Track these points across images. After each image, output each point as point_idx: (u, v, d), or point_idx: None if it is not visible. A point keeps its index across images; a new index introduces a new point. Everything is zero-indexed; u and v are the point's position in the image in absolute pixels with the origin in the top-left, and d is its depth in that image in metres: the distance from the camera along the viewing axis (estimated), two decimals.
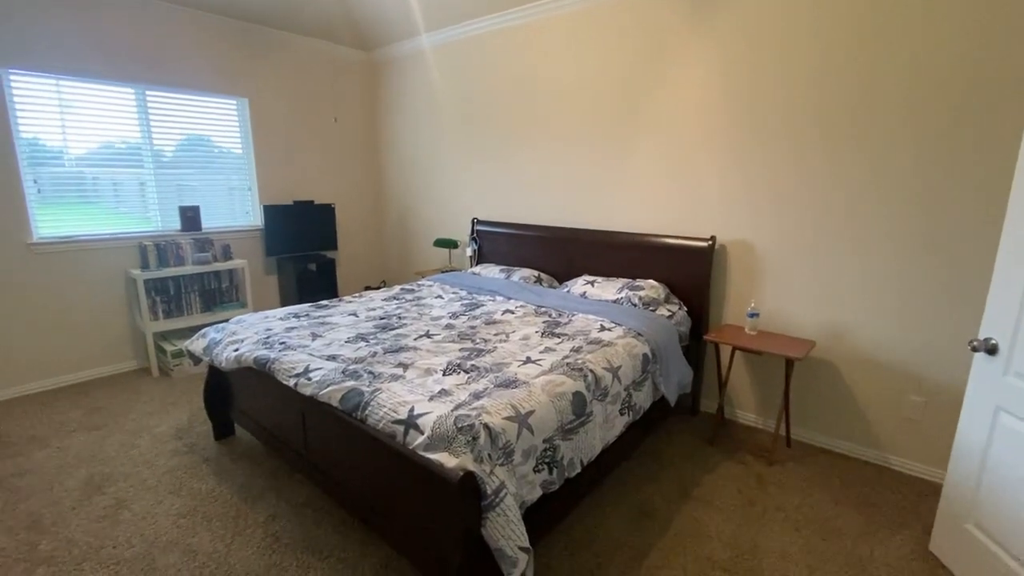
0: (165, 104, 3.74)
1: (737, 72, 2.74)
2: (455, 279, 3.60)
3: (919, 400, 2.42)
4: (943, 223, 2.25)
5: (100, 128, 3.47)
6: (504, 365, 2.03)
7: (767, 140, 2.69)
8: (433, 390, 1.78)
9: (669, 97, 3.01)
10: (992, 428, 1.70)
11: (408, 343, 2.30)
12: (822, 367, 2.69)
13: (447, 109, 4.34)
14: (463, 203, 4.39)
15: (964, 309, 2.25)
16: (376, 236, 5.34)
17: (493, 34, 3.85)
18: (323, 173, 4.76)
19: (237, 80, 4.06)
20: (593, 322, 2.62)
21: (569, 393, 1.83)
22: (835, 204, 2.52)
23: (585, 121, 3.42)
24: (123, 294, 3.67)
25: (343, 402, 1.77)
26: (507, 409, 1.61)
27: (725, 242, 2.93)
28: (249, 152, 4.24)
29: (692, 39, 2.87)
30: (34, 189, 3.26)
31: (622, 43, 3.16)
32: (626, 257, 3.25)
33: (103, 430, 2.84)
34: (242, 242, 4.26)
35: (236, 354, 2.27)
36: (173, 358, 3.58)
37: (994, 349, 1.69)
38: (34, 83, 3.19)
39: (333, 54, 4.65)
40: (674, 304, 2.94)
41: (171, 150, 3.81)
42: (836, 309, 2.60)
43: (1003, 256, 1.66)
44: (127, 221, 3.68)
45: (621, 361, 2.19)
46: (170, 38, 3.66)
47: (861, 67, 2.36)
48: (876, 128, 2.36)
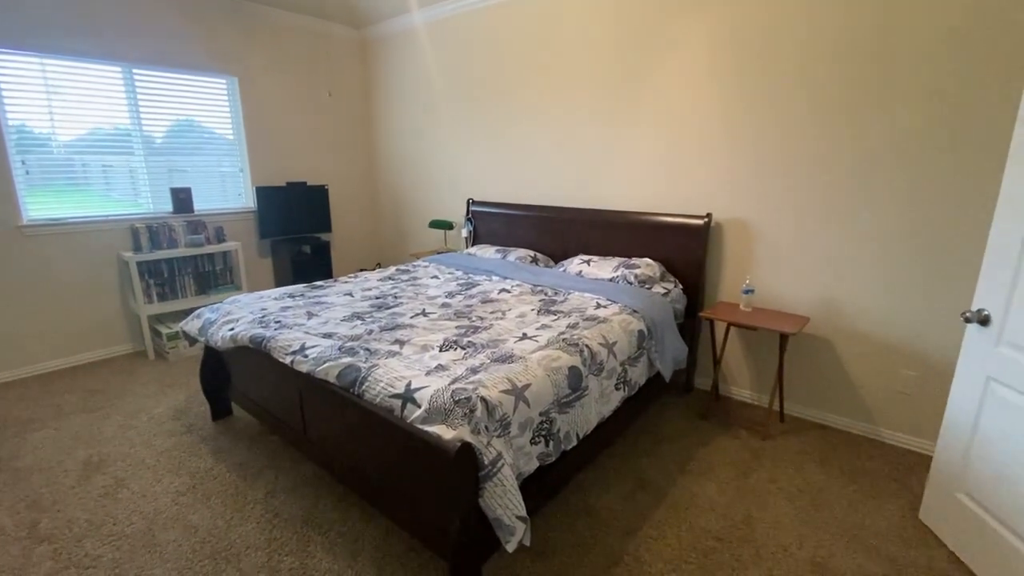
0: (154, 85, 3.67)
1: (730, 51, 2.70)
2: (451, 260, 3.59)
3: (912, 374, 2.45)
4: (935, 197, 2.25)
5: (88, 112, 3.41)
6: (500, 341, 2.04)
7: (761, 119, 2.67)
8: (430, 365, 1.78)
9: (664, 75, 2.98)
10: (983, 398, 1.72)
11: (404, 321, 2.29)
12: (816, 343, 2.71)
13: (441, 89, 4.28)
14: (458, 184, 4.35)
15: (957, 283, 2.26)
16: (371, 218, 5.30)
17: (485, 11, 3.78)
18: (316, 154, 4.71)
19: (226, 58, 3.98)
20: (589, 300, 2.62)
21: (565, 367, 1.84)
22: (828, 181, 2.52)
23: (580, 100, 3.38)
24: (116, 277, 3.64)
25: (340, 378, 1.77)
26: (504, 383, 1.62)
27: (721, 220, 2.92)
28: (240, 133, 4.18)
29: (686, 16, 2.82)
30: (22, 171, 3.21)
31: (617, 20, 3.10)
32: (622, 236, 3.24)
33: (100, 412, 2.84)
34: (235, 224, 4.23)
35: (231, 333, 2.26)
36: (169, 341, 3.57)
37: (986, 320, 1.70)
38: (19, 63, 3.11)
39: (324, 31, 4.56)
40: (670, 282, 2.94)
41: (161, 134, 3.75)
42: (830, 285, 2.61)
43: (997, 228, 1.67)
44: (118, 206, 3.63)
45: (617, 337, 2.19)
46: (157, 14, 3.58)
47: (851, 43, 2.33)
48: (867, 103, 2.34)
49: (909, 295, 2.40)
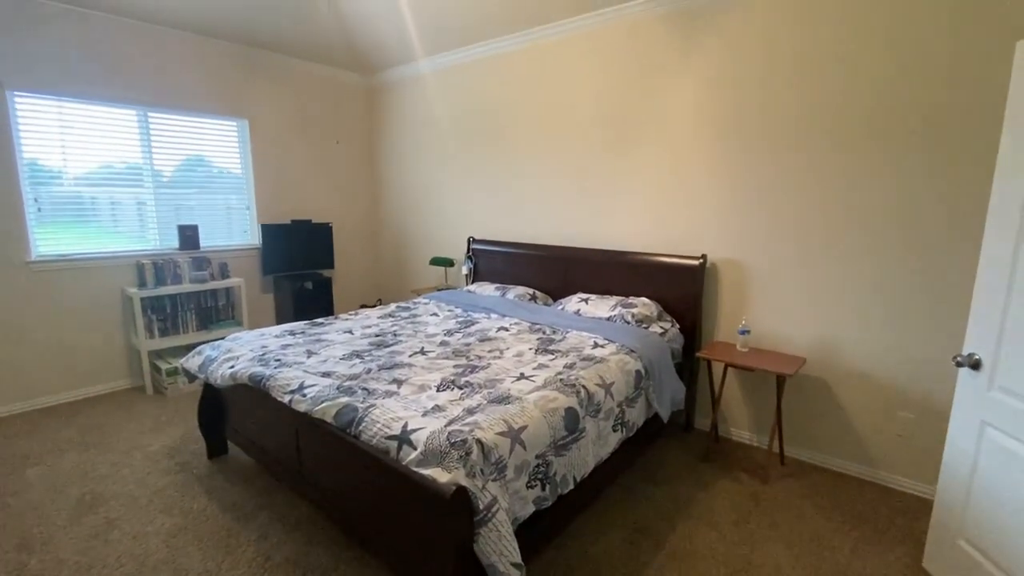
0: (167, 125, 3.81)
1: (723, 95, 2.82)
2: (451, 297, 3.63)
3: (909, 416, 2.44)
4: (927, 240, 2.31)
5: (101, 149, 3.53)
6: (498, 381, 2.05)
7: (755, 161, 2.76)
8: (427, 406, 1.80)
9: (659, 119, 3.10)
10: (979, 443, 1.72)
11: (403, 360, 2.32)
12: (813, 384, 2.71)
13: (444, 130, 4.43)
14: (459, 222, 4.45)
15: (950, 324, 2.29)
16: (373, 254, 5.38)
17: (488, 59, 3.96)
18: (321, 193, 4.83)
19: (238, 102, 4.14)
20: (587, 339, 2.65)
21: (562, 409, 1.85)
22: (821, 223, 2.58)
23: (579, 141, 3.50)
24: (119, 312, 3.68)
25: (337, 418, 1.78)
26: (500, 424, 1.63)
27: (716, 260, 2.98)
28: (248, 172, 4.31)
29: (680, 62, 2.96)
30: (34, 208, 3.30)
31: (613, 66, 3.25)
32: (620, 275, 3.29)
33: (95, 449, 2.82)
34: (240, 260, 4.30)
35: (231, 371, 2.28)
36: (167, 376, 3.58)
37: (977, 364, 1.72)
38: (37, 104, 3.25)
39: (333, 77, 4.76)
40: (667, 321, 2.97)
41: (171, 170, 3.87)
42: (825, 326, 2.64)
43: (983, 272, 1.71)
44: (125, 240, 3.71)
45: (614, 377, 2.21)
46: (173, 62, 3.75)
47: (844, 87, 2.45)
48: (859, 147, 2.43)
49: (904, 337, 2.42)
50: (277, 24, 3.91)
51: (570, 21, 3.36)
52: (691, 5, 2.86)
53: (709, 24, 2.82)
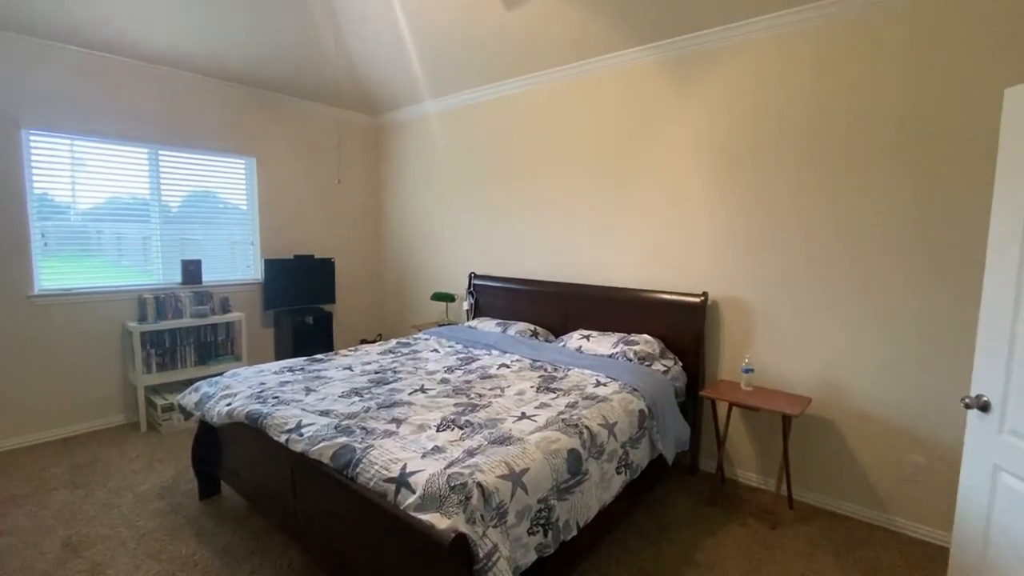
0: (176, 162, 3.89)
1: (718, 135, 2.89)
2: (451, 332, 3.61)
3: (920, 460, 2.39)
4: (932, 277, 2.32)
5: (110, 184, 3.59)
6: (498, 421, 2.02)
7: (753, 199, 2.80)
8: (426, 447, 1.76)
9: (657, 158, 3.16)
10: (993, 488, 1.67)
11: (402, 398, 2.28)
12: (820, 425, 2.66)
13: (447, 168, 4.52)
14: (461, 257, 4.48)
15: (959, 363, 2.27)
16: (374, 289, 5.40)
17: (492, 101, 4.08)
18: (325, 228, 4.89)
19: (247, 141, 4.25)
20: (588, 377, 2.62)
21: (564, 450, 1.81)
22: (821, 260, 2.60)
23: (580, 179, 3.57)
24: (118, 346, 3.66)
25: (334, 459, 1.74)
26: (501, 467, 1.59)
27: (717, 298, 2.98)
28: (254, 208, 4.37)
29: (675, 105, 3.05)
30: (40, 242, 3.33)
31: (611, 108, 3.35)
32: (621, 311, 3.29)
33: (85, 488, 2.75)
34: (241, 295, 4.30)
35: (228, 408, 2.25)
36: (163, 412, 3.52)
37: (986, 406, 1.69)
38: (50, 142, 3.33)
39: (340, 118, 4.90)
40: (669, 359, 2.94)
41: (177, 205, 3.93)
42: (830, 365, 2.61)
43: (985, 311, 1.70)
44: (129, 274, 3.73)
45: (617, 417, 2.17)
46: (185, 102, 3.87)
47: (848, 125, 2.50)
48: (861, 183, 2.47)
49: (911, 376, 2.39)
50: (288, 67, 4.06)
51: (570, 67, 3.48)
52: (682, 52, 2.97)
53: (701, 69, 2.92)
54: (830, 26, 2.49)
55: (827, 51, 2.51)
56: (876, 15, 2.37)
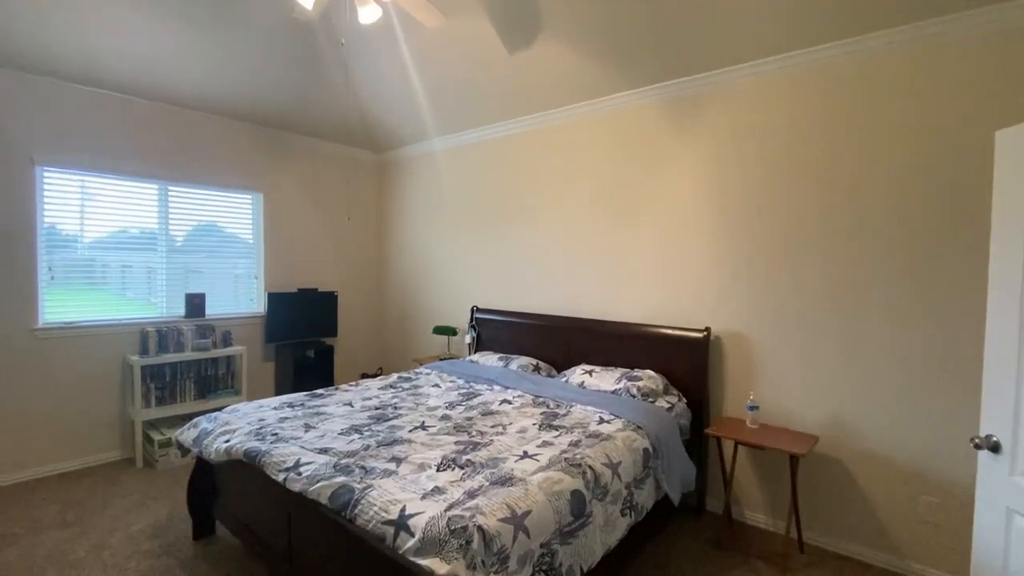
0: (185, 197, 3.97)
1: (724, 172, 2.94)
2: (453, 367, 3.59)
3: (933, 500, 2.32)
4: (939, 312, 2.31)
5: (119, 217, 3.65)
6: (500, 460, 1.98)
7: (755, 235, 2.83)
8: (426, 487, 1.72)
9: (660, 194, 3.21)
10: (1008, 533, 1.62)
11: (403, 435, 2.25)
12: (829, 464, 2.61)
13: (451, 203, 4.60)
14: (463, 291, 4.50)
15: (970, 400, 2.23)
16: (376, 322, 5.40)
17: (496, 140, 4.18)
18: (329, 261, 4.93)
19: (255, 177, 4.34)
20: (592, 414, 2.59)
21: (567, 492, 1.77)
22: (825, 296, 2.60)
23: (581, 215, 3.62)
24: (118, 380, 3.64)
25: (333, 500, 1.71)
26: (502, 509, 1.56)
27: (720, 333, 2.97)
28: (259, 242, 4.43)
29: (679, 143, 3.12)
30: (47, 276, 3.36)
31: (614, 147, 3.43)
32: (623, 346, 3.27)
33: (77, 527, 2.68)
34: (243, 329, 4.30)
35: (227, 445, 2.22)
36: (159, 448, 3.47)
37: (996, 447, 1.66)
38: (62, 177, 3.40)
39: (346, 155, 5.02)
40: (673, 395, 2.91)
41: (183, 236, 3.99)
42: (837, 402, 2.58)
43: (990, 349, 1.69)
44: (132, 306, 3.75)
45: (621, 456, 2.13)
46: (197, 141, 3.97)
47: (850, 164, 2.54)
48: (866, 220, 2.49)
49: (921, 413, 2.36)
50: (298, 107, 4.19)
51: (571, 107, 3.58)
52: (682, 94, 3.06)
53: (701, 110, 3.00)
54: (832, 70, 2.56)
55: (829, 94, 2.57)
56: (874, 61, 2.44)
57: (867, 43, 2.43)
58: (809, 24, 2.46)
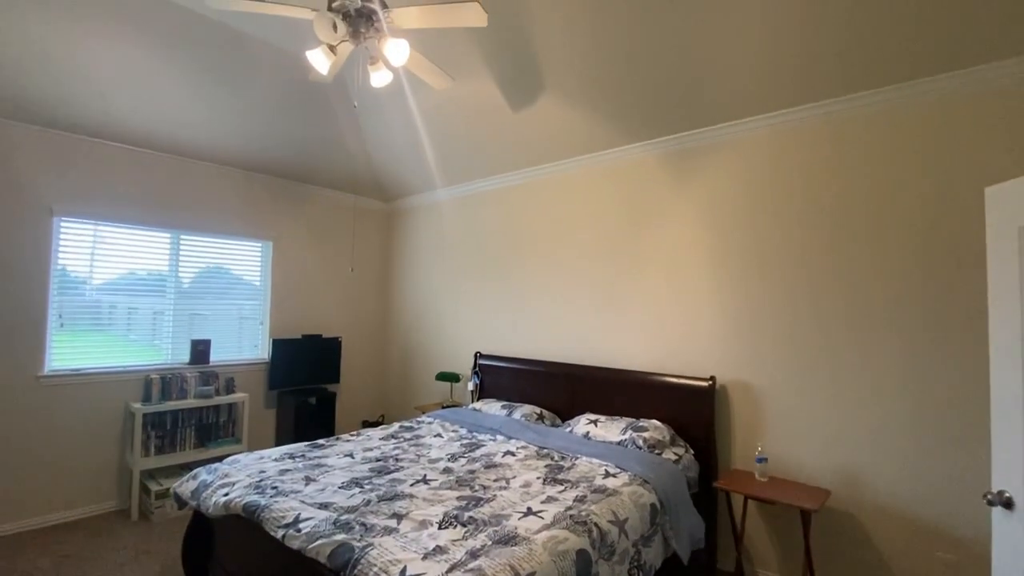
0: (196, 245, 4.06)
1: (724, 221, 3.01)
2: (455, 416, 3.56)
3: (950, 558, 2.24)
4: (950, 363, 2.29)
5: (130, 262, 3.72)
6: (503, 517, 1.94)
7: (759, 285, 2.86)
8: (428, 546, 1.68)
9: (663, 242, 3.27)
10: None
11: (404, 489, 2.21)
12: (843, 519, 2.53)
13: (455, 251, 4.68)
14: (466, 337, 4.51)
15: (984, 453, 2.17)
16: (379, 369, 5.38)
17: (500, 190, 4.31)
18: (333, 308, 4.97)
19: (264, 226, 4.45)
20: (597, 466, 2.54)
21: (573, 551, 1.73)
22: (830, 345, 2.60)
23: (586, 263, 3.67)
24: (119, 428, 3.61)
25: (332, 559, 1.67)
26: (506, 571, 1.52)
27: (725, 382, 2.95)
28: (266, 288, 4.49)
29: (679, 194, 3.21)
30: (57, 323, 3.40)
31: (616, 197, 3.52)
32: (628, 395, 3.24)
33: None
34: (247, 375, 4.30)
35: (226, 499, 2.18)
36: (156, 499, 3.40)
37: (1009, 503, 1.62)
38: (77, 227, 3.50)
39: (354, 204, 5.16)
40: (680, 447, 2.86)
41: (191, 279, 4.05)
42: (847, 455, 2.53)
43: (996, 404, 1.68)
44: (137, 350, 3.76)
45: (628, 513, 2.08)
46: (207, 191, 4.10)
47: (853, 212, 2.58)
48: (871, 269, 2.51)
49: (935, 467, 2.30)
50: (309, 159, 4.35)
51: (573, 160, 3.71)
52: (682, 147, 3.18)
53: (701, 162, 3.11)
54: (828, 124, 2.66)
55: (830, 146, 2.65)
56: (873, 116, 2.53)
57: (868, 99, 2.51)
58: (812, 80, 2.55)
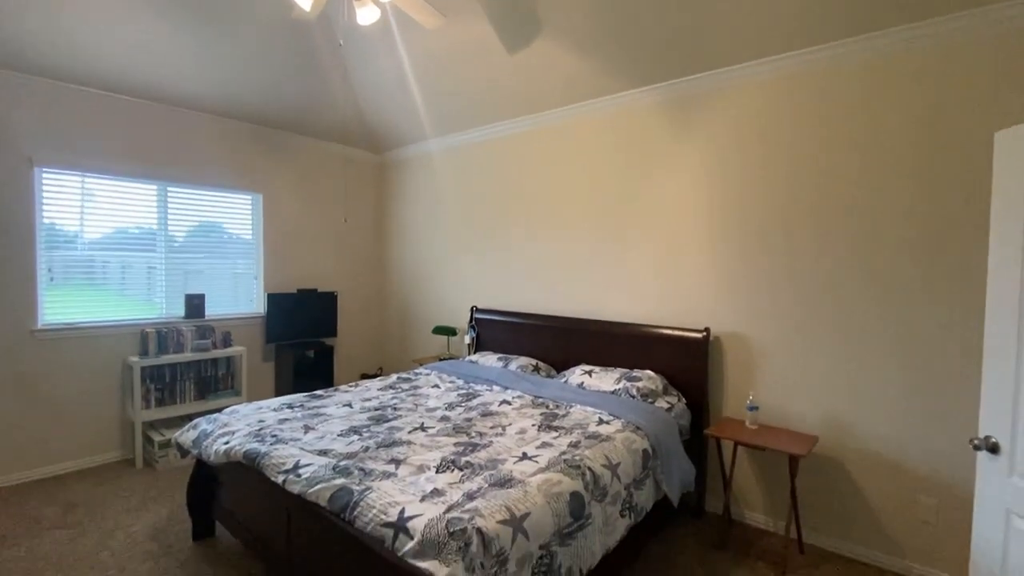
0: (185, 197, 3.97)
1: (725, 171, 2.94)
2: (452, 367, 3.59)
3: (932, 501, 2.33)
4: (938, 312, 2.31)
5: (118, 217, 3.65)
6: (499, 461, 1.98)
7: (753, 234, 2.83)
8: (425, 489, 1.73)
9: (660, 193, 3.21)
10: (1007, 534, 1.62)
11: (402, 436, 2.25)
12: (828, 464, 2.61)
13: (451, 204, 4.60)
14: (463, 291, 4.50)
15: (969, 401, 2.23)
16: (376, 323, 5.40)
17: (495, 140, 4.18)
18: (328, 262, 4.93)
19: (253, 178, 4.34)
20: (591, 414, 2.59)
21: (567, 493, 1.77)
22: (823, 296, 2.60)
23: (581, 215, 3.62)
24: (118, 381, 3.64)
25: (332, 502, 1.71)
26: (501, 511, 1.56)
27: (720, 334, 2.97)
28: (259, 242, 4.43)
29: (680, 142, 3.12)
30: (47, 276, 3.36)
31: (614, 147, 3.42)
32: (623, 347, 3.27)
33: (77, 528, 2.69)
34: (243, 329, 4.30)
35: (227, 447, 2.22)
36: (159, 449, 3.47)
37: (995, 448, 1.66)
38: (61, 177, 3.40)
39: (345, 155, 5.01)
40: (673, 396, 2.91)
41: (183, 236, 3.98)
42: (836, 402, 2.58)
43: (989, 350, 1.69)
44: (132, 306, 3.74)
45: (620, 457, 2.14)
46: (195, 141, 3.97)
47: (851, 162, 2.54)
48: (867, 219, 2.49)
49: (921, 413, 2.36)
50: (296, 106, 4.19)
51: (570, 107, 3.58)
52: (683, 93, 3.06)
53: (702, 109, 3.00)
54: (835, 67, 2.56)
55: (832, 94, 2.57)
56: (877, 59, 2.43)
57: (873, 41, 2.41)
58: (815, 22, 2.44)
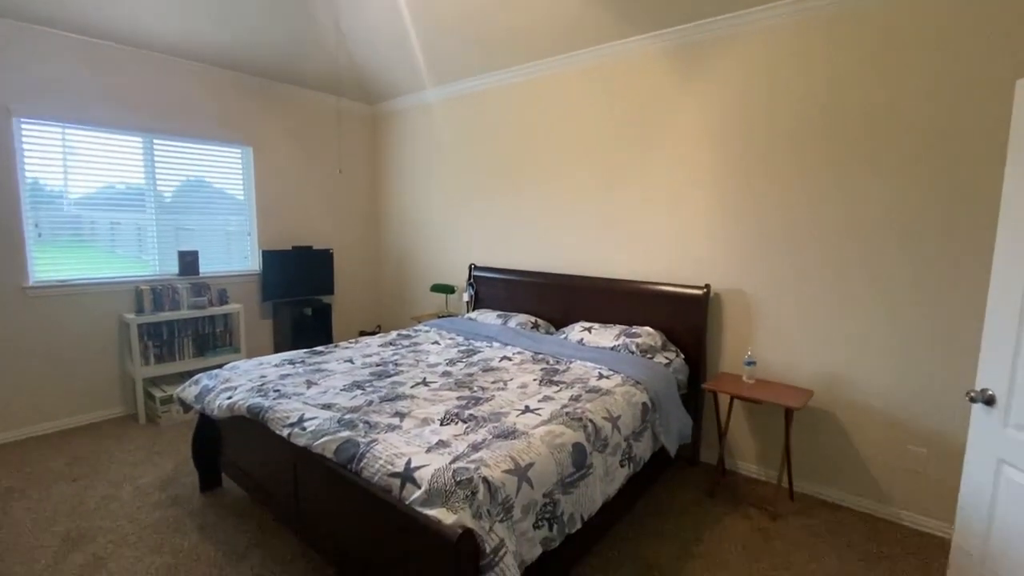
0: (172, 151, 3.83)
1: (727, 125, 2.86)
2: (452, 325, 3.60)
3: (922, 451, 2.40)
4: (935, 269, 2.31)
5: (104, 172, 3.53)
6: (502, 414, 2.01)
7: (755, 192, 2.78)
8: (430, 441, 1.75)
9: (660, 149, 3.13)
10: (996, 482, 1.68)
11: (405, 391, 2.27)
12: (822, 417, 2.67)
13: (448, 158, 4.47)
14: (461, 249, 4.45)
15: (963, 356, 2.26)
16: (373, 281, 5.36)
17: (494, 90, 4.02)
18: (323, 218, 4.84)
19: (243, 130, 4.18)
20: (591, 370, 2.61)
21: (569, 444, 1.80)
22: (823, 253, 2.59)
23: (581, 170, 3.53)
24: (115, 338, 3.63)
25: (338, 454, 1.73)
26: (506, 461, 1.58)
27: (719, 291, 2.97)
28: (250, 198, 4.32)
29: (682, 93, 3.01)
30: (34, 233, 3.28)
31: (615, 98, 3.31)
32: (622, 303, 3.27)
33: (84, 481, 2.73)
34: (239, 286, 4.26)
35: (229, 402, 2.23)
36: (162, 405, 3.50)
37: (991, 400, 1.69)
38: (42, 129, 3.26)
39: (338, 106, 4.83)
40: (671, 351, 2.94)
41: (172, 193, 3.87)
42: (832, 357, 2.61)
43: (992, 303, 1.69)
44: (124, 264, 3.68)
45: (620, 410, 2.17)
46: (180, 90, 3.80)
47: (855, 117, 2.48)
48: (858, 174, 2.45)
49: (912, 368, 2.40)
50: (286, 54, 3.99)
51: (571, 55, 3.43)
52: (687, 40, 2.93)
53: (705, 58, 2.88)
54: (842, 14, 2.45)
55: (839, 40, 2.47)
56: (890, 4, 2.32)
57: None
58: None
